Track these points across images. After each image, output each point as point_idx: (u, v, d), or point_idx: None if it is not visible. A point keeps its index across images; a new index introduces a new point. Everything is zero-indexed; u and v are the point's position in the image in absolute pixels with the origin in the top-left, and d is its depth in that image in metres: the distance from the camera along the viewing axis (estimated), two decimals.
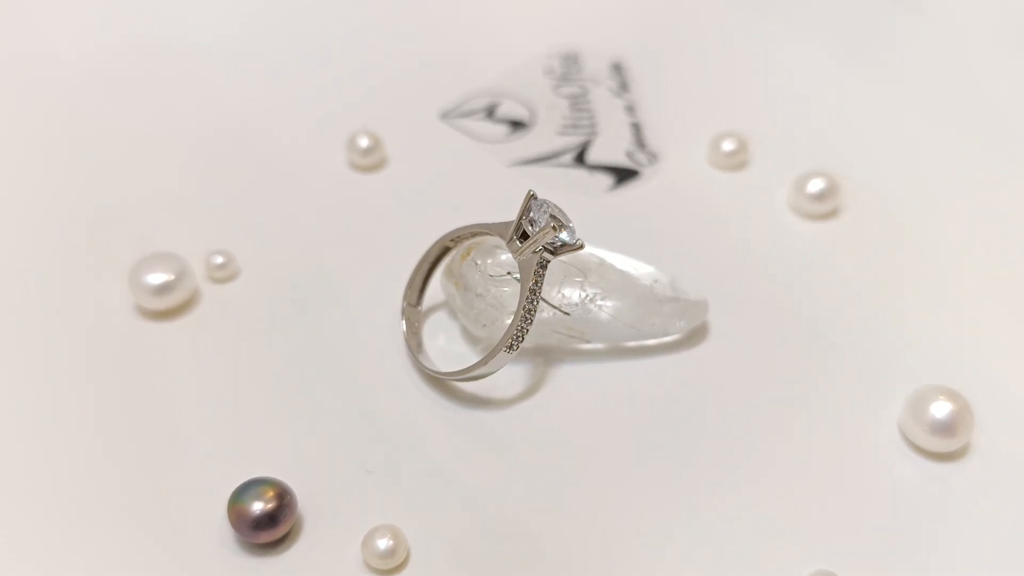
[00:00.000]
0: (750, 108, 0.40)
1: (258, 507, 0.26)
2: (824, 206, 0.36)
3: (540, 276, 0.28)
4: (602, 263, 0.30)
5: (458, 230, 0.31)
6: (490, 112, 0.40)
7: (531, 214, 0.28)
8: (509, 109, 0.40)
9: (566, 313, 0.30)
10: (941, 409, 0.28)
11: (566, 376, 0.30)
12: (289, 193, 0.36)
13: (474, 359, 0.31)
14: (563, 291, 0.30)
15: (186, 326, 0.32)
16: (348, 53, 0.43)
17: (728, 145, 0.38)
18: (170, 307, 0.32)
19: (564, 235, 0.28)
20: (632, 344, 0.31)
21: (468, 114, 0.40)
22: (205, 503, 0.27)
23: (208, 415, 0.29)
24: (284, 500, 0.26)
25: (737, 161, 0.38)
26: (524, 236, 0.29)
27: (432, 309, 0.32)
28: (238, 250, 0.34)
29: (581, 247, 0.28)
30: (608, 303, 0.30)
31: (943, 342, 0.31)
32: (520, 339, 0.28)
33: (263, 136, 0.39)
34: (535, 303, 0.28)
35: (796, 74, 0.42)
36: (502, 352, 0.28)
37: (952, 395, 0.28)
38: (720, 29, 0.44)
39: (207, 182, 0.37)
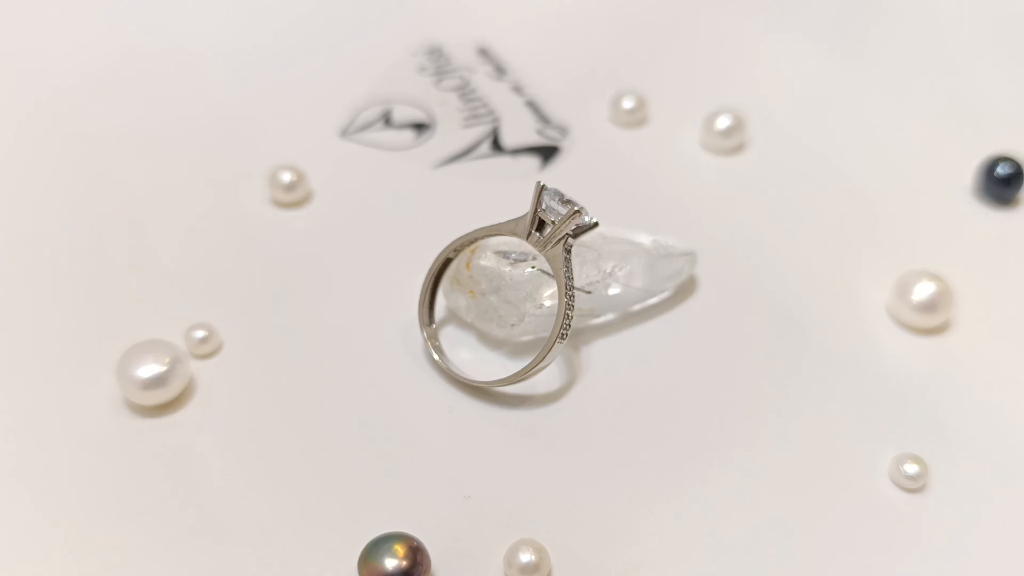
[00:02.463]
0: (624, 66, 0.42)
1: (392, 564, 0.25)
2: (732, 141, 0.38)
3: (569, 262, 0.29)
4: (603, 236, 0.31)
5: (458, 240, 0.30)
6: (387, 120, 0.40)
7: (543, 204, 0.29)
8: (404, 113, 0.40)
9: (588, 292, 0.31)
10: (925, 289, 0.32)
11: (596, 355, 0.31)
12: (231, 246, 0.34)
13: (505, 361, 0.31)
14: (584, 270, 0.30)
15: (194, 412, 0.29)
16: (216, 88, 0.40)
17: (628, 103, 0.40)
18: (169, 399, 0.29)
19: (586, 217, 0.29)
20: (637, 308, 0.32)
21: (366, 127, 0.39)
22: None
23: (269, 495, 0.27)
24: (417, 556, 0.25)
25: (638, 118, 0.40)
26: (540, 227, 0.29)
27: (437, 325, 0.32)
28: (207, 317, 0.31)
29: (597, 225, 0.29)
30: (624, 271, 0.31)
31: (897, 233, 0.35)
32: (568, 327, 0.29)
33: (177, 195, 0.36)
34: (572, 288, 0.29)
35: (660, 23, 0.44)
36: (557, 343, 0.29)
37: (934, 277, 0.32)
38: None
39: (149, 253, 0.33)
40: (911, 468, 0.28)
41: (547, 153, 0.38)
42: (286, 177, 0.35)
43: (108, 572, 0.26)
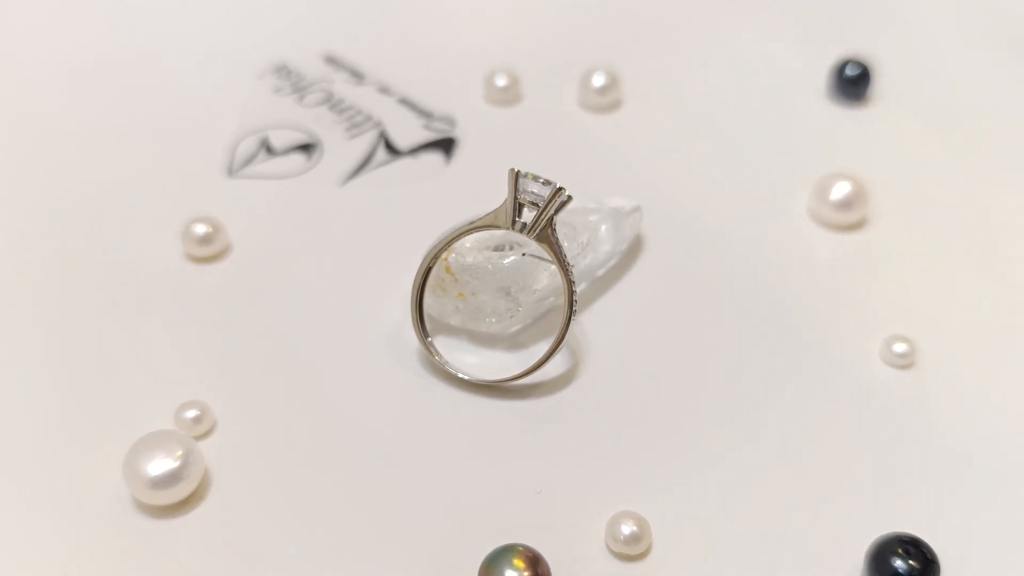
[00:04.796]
0: (479, 47, 0.42)
1: None
2: (609, 97, 0.40)
3: (558, 240, 0.29)
4: (567, 209, 0.31)
5: (437, 245, 0.30)
6: (268, 148, 0.37)
7: (521, 189, 0.29)
8: (283, 138, 0.38)
9: (572, 267, 0.31)
10: (842, 189, 0.35)
11: (586, 327, 0.32)
12: (171, 313, 0.31)
13: (506, 355, 0.31)
14: (564, 246, 0.30)
15: (215, 496, 0.27)
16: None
17: (501, 81, 0.40)
18: (185, 496, 0.26)
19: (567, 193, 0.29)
20: (601, 272, 0.33)
21: (249, 160, 0.37)
22: None
23: (335, 557, 0.26)
24: (538, 567, 0.24)
25: (513, 94, 0.40)
26: (519, 213, 0.29)
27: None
28: (190, 394, 0.28)
29: (571, 199, 0.29)
30: (595, 239, 0.31)
31: (780, 149, 0.38)
32: (576, 301, 0.29)
33: (87, 277, 0.32)
34: (568, 265, 0.29)
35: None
36: (572, 320, 0.29)
37: (850, 177, 0.35)
38: None
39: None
40: (900, 347, 0.31)
41: (446, 146, 0.38)
42: (200, 230, 0.33)
43: None
